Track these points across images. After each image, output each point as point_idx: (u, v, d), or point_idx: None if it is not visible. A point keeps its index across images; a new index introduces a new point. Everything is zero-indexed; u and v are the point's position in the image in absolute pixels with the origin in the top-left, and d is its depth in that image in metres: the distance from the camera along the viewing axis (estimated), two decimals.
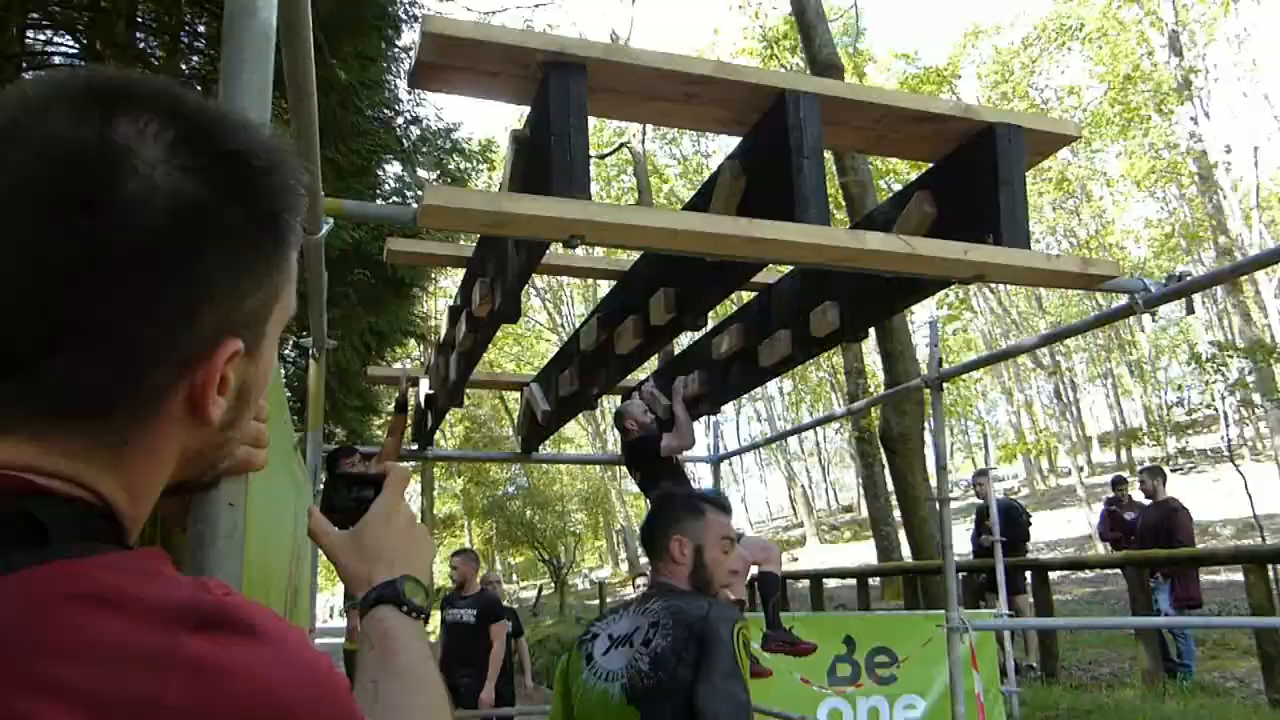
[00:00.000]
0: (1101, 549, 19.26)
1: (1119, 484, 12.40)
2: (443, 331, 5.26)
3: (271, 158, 0.82)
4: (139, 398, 0.79)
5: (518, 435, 7.10)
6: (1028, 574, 11.48)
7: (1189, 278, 3.61)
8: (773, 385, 46.24)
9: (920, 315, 30.34)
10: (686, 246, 2.80)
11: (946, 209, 3.25)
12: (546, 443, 7.03)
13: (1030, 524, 12.61)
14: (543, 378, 6.27)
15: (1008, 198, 3.00)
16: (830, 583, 18.88)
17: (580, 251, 4.92)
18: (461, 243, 8.30)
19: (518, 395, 6.97)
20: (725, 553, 3.03)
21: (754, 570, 5.84)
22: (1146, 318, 3.81)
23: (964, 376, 21.42)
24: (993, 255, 2.94)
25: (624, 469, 6.67)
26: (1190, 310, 3.67)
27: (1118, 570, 11.87)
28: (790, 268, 4.51)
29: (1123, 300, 3.77)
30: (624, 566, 44.30)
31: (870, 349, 29.38)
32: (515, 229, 2.64)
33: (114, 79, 0.79)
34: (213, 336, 0.80)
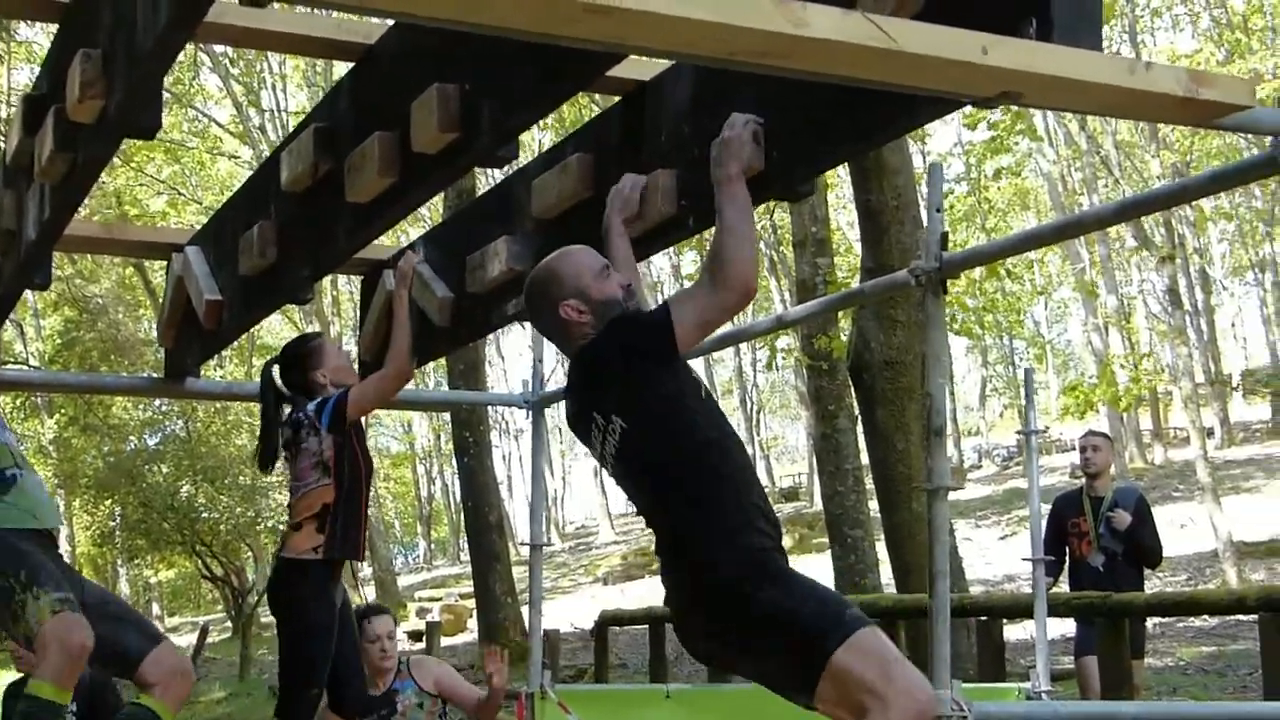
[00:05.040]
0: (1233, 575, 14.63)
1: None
2: (11, 142, 3.43)
3: None
4: None
5: (163, 344, 4.93)
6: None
7: None
8: (662, 265, 29.58)
9: (940, 141, 19.85)
10: (464, 14, 1.76)
11: None
12: (221, 357, 4.79)
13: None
14: (211, 238, 4.32)
15: None
16: None
17: (305, 8, 3.00)
18: None
19: (164, 269, 4.79)
20: None
21: None
22: None
23: (1011, 264, 14.34)
24: (1032, 59, 1.94)
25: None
26: None
27: (1254, 617, 6.98)
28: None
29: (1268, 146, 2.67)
30: (367, 591, 25.45)
31: (846, 200, 19.69)
32: None
33: None
34: None
